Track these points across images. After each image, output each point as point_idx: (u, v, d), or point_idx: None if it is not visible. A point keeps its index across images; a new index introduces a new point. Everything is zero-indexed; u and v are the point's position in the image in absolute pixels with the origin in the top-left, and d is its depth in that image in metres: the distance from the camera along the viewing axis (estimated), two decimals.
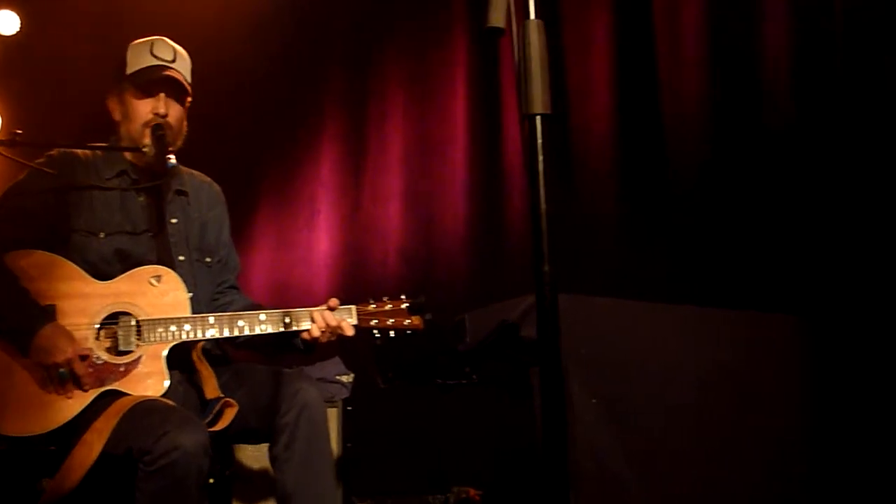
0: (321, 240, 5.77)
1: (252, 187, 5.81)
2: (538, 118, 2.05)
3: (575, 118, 5.25)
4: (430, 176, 5.62)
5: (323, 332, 3.16)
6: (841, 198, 4.47)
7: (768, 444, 3.87)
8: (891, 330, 4.24)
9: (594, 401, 3.37)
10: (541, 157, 2.06)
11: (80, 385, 2.94)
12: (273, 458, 3.12)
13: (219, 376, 3.17)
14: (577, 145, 5.24)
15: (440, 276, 5.39)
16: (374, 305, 3.22)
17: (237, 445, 3.70)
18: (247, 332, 3.14)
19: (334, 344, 3.29)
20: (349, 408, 4.19)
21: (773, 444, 3.89)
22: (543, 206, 2.08)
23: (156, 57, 3.25)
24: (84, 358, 2.95)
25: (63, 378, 2.92)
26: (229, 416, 3.03)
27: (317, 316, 3.16)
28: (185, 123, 3.34)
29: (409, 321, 3.20)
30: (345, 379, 4.27)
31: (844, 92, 4.54)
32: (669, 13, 5.07)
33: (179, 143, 3.31)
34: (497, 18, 2.02)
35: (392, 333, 3.21)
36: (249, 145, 5.68)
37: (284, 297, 3.56)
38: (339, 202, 5.79)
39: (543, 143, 2.06)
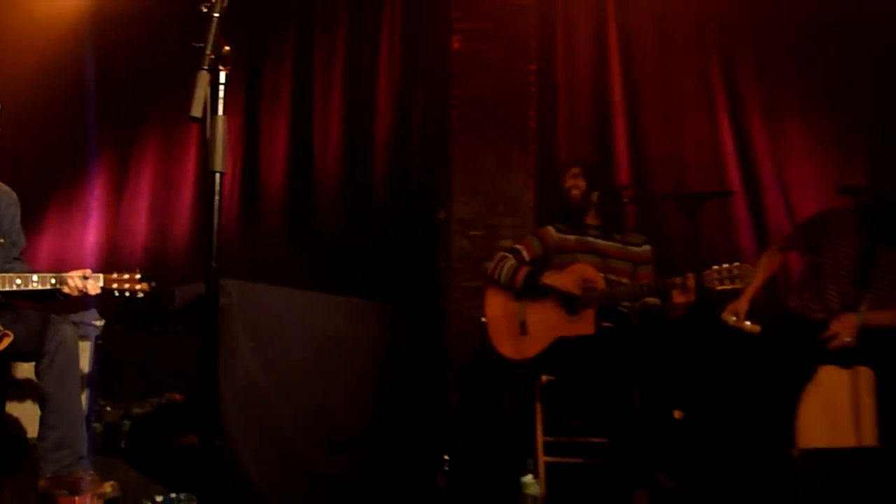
0: (91, 235, 5.37)
1: (46, 194, 5.35)
2: (217, 174, 2.02)
3: (263, 175, 5.25)
4: (167, 201, 5.38)
5: (74, 289, 3.02)
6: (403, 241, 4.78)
7: (361, 390, 3.90)
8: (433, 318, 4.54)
9: (251, 345, 3.34)
10: (217, 198, 2.03)
11: None
12: (38, 373, 2.96)
13: (2, 317, 2.95)
14: (263, 192, 5.23)
15: (168, 264, 5.17)
16: (117, 275, 3.09)
17: (13, 363, 3.40)
18: (23, 287, 2.96)
19: (89, 299, 3.14)
20: (99, 342, 3.95)
21: (363, 391, 3.91)
22: (216, 227, 2.03)
23: None
24: None
25: None
26: (6, 342, 2.88)
27: (70, 281, 3.01)
28: None
29: (140, 287, 3.09)
30: (97, 323, 4.03)
31: (415, 176, 4.92)
32: (322, 119, 5.18)
33: None
34: (196, 111, 1.93)
35: (127, 294, 3.09)
36: (46, 166, 5.23)
37: (61, 271, 3.30)
38: (106, 211, 5.41)
39: (220, 189, 2.04)
